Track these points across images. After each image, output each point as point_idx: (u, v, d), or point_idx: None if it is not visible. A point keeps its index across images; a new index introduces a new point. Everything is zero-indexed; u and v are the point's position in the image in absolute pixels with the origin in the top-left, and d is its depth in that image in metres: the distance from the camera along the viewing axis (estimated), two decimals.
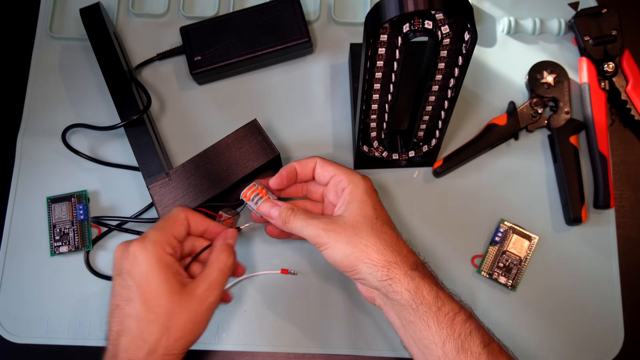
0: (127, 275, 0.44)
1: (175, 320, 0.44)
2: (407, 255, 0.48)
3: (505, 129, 0.62)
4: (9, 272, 0.59)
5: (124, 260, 0.45)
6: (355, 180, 0.51)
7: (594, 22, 0.64)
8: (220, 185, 0.53)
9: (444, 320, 0.44)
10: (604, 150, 0.61)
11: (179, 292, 0.44)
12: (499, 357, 0.44)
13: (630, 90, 0.62)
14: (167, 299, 0.44)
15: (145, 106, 0.59)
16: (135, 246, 0.45)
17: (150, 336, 0.43)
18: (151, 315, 0.43)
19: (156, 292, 0.44)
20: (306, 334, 0.57)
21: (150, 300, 0.43)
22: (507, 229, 0.59)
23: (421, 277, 0.46)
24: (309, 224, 0.49)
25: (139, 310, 0.43)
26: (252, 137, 0.54)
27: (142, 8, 0.67)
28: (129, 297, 0.44)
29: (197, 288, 0.45)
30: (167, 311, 0.43)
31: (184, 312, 0.44)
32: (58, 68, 0.65)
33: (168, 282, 0.44)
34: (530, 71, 0.63)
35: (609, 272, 0.59)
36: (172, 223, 0.48)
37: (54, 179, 0.61)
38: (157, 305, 0.43)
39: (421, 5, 0.39)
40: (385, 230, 0.49)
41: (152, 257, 0.44)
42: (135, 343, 0.43)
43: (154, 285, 0.44)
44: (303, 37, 0.62)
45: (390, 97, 0.51)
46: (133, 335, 0.43)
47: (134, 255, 0.45)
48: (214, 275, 0.47)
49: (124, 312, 0.44)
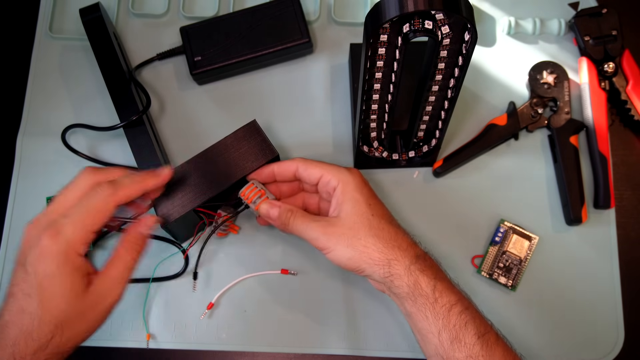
0: (30, 268, 0.43)
1: (71, 323, 0.43)
2: (407, 249, 0.48)
3: (505, 129, 0.62)
4: (8, 272, 0.59)
5: (31, 251, 0.43)
6: (344, 178, 0.51)
7: (594, 22, 0.64)
8: (219, 185, 0.53)
9: (440, 311, 0.46)
10: (604, 150, 0.61)
11: (82, 295, 0.43)
12: (494, 347, 0.45)
13: (630, 91, 0.62)
14: (68, 302, 0.43)
15: (145, 107, 0.59)
16: (47, 241, 0.42)
17: (42, 335, 0.42)
18: (47, 317, 0.42)
19: (57, 295, 0.42)
20: (306, 334, 0.57)
21: (50, 302, 0.42)
22: (507, 229, 0.59)
23: (421, 270, 0.47)
24: (309, 226, 0.50)
25: (35, 308, 0.42)
26: (252, 138, 0.54)
27: (142, 8, 0.67)
28: (28, 292, 0.42)
29: (100, 286, 0.44)
30: (65, 314, 0.43)
31: (81, 316, 0.43)
32: (58, 68, 0.65)
33: (72, 285, 0.43)
34: (530, 71, 0.63)
35: (609, 272, 0.59)
36: (94, 215, 0.44)
37: (53, 179, 0.61)
38: (56, 308, 0.42)
39: (421, 5, 0.39)
40: (382, 226, 0.49)
41: (62, 258, 0.42)
42: (24, 339, 0.42)
43: (57, 289, 0.42)
44: (303, 37, 0.62)
45: (390, 97, 0.51)
46: (24, 331, 0.42)
47: (43, 251, 0.42)
48: (118, 271, 0.45)
49: (19, 304, 0.42)
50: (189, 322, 0.57)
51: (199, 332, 0.57)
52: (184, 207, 0.52)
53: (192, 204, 0.52)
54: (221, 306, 0.58)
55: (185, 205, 0.52)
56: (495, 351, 0.45)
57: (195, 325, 0.57)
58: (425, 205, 0.61)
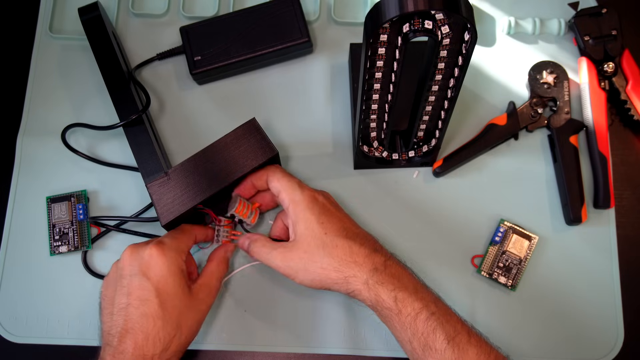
0: (142, 277, 0.47)
1: (186, 320, 0.48)
2: (363, 264, 0.48)
3: (505, 129, 0.62)
4: (8, 272, 0.59)
5: (138, 262, 0.48)
6: (296, 197, 0.51)
7: (594, 22, 0.64)
8: (218, 183, 0.53)
9: (406, 321, 0.47)
10: (604, 150, 0.61)
11: (188, 295, 0.49)
12: (466, 349, 0.45)
13: (630, 90, 0.62)
14: (180, 300, 0.48)
15: (144, 106, 0.59)
16: (154, 250, 0.48)
17: (166, 335, 0.46)
18: (167, 315, 0.47)
19: (172, 294, 0.47)
20: (306, 333, 0.57)
21: (167, 301, 0.47)
22: (507, 228, 0.59)
23: (380, 282, 0.47)
24: (270, 255, 0.51)
25: (156, 310, 0.46)
26: (251, 136, 0.54)
27: (142, 8, 0.67)
28: (146, 297, 0.47)
29: (200, 292, 0.50)
30: (180, 312, 0.47)
31: (191, 313, 0.48)
32: (58, 68, 0.65)
33: (181, 286, 0.48)
34: (530, 71, 0.63)
35: (609, 272, 0.59)
36: (183, 235, 0.52)
37: (53, 178, 0.61)
38: (173, 307, 0.47)
39: (421, 5, 0.39)
40: (336, 243, 0.49)
41: (172, 262, 0.48)
42: (150, 341, 0.46)
43: (170, 288, 0.47)
44: (303, 37, 0.62)
45: (390, 97, 0.51)
46: (148, 334, 0.46)
47: (152, 259, 0.48)
48: (213, 281, 0.52)
49: (138, 311, 0.46)
50: None
51: (199, 332, 0.57)
52: (184, 205, 0.52)
53: (192, 202, 0.52)
54: (221, 306, 0.58)
55: (185, 204, 0.52)
56: (467, 353, 0.45)
57: None
58: (425, 205, 0.61)
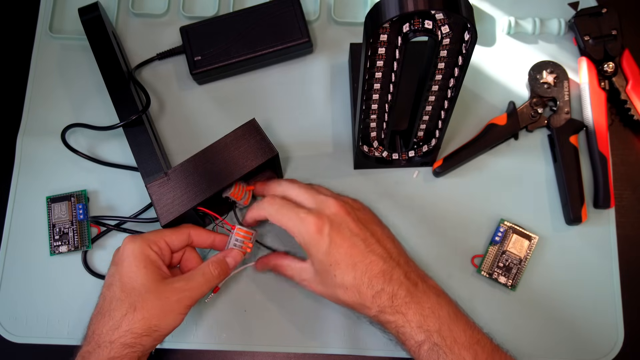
0: (113, 265, 0.50)
1: (143, 302, 0.47)
2: (370, 306, 0.48)
3: (505, 129, 0.62)
4: (8, 272, 0.59)
5: (115, 253, 0.51)
6: (301, 230, 0.50)
7: (594, 22, 0.64)
8: (218, 184, 0.53)
9: (412, 349, 0.48)
10: (604, 150, 0.61)
11: (155, 281, 0.48)
12: None
13: (630, 90, 0.62)
14: (141, 283, 0.47)
15: (144, 106, 0.59)
16: (126, 240, 0.50)
17: (117, 312, 0.47)
18: (123, 295, 0.47)
19: (132, 277, 0.48)
20: (306, 333, 0.57)
21: (126, 284, 0.48)
22: (507, 228, 0.59)
23: (385, 322, 0.49)
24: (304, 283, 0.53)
25: (115, 292, 0.48)
26: (251, 137, 0.54)
27: (142, 8, 0.67)
28: (111, 282, 0.48)
29: (175, 282, 0.49)
30: (138, 293, 0.47)
31: (152, 296, 0.47)
32: (58, 68, 0.65)
33: (146, 271, 0.48)
34: (530, 71, 0.63)
35: (609, 272, 0.59)
36: (170, 231, 0.52)
37: (53, 178, 0.61)
38: (131, 288, 0.47)
39: (421, 5, 0.39)
40: (346, 286, 0.49)
41: (137, 249, 0.49)
42: (103, 319, 0.47)
43: (132, 273, 0.48)
44: (303, 37, 0.62)
45: (390, 97, 0.51)
46: (103, 313, 0.47)
47: (123, 248, 0.50)
48: (196, 277, 0.50)
49: (103, 296, 0.48)
50: (189, 322, 0.57)
51: (199, 332, 0.57)
52: (184, 205, 0.52)
53: (192, 203, 0.52)
54: (221, 306, 0.58)
55: (184, 204, 0.52)
56: None
57: (195, 325, 0.57)
58: (425, 205, 0.61)
